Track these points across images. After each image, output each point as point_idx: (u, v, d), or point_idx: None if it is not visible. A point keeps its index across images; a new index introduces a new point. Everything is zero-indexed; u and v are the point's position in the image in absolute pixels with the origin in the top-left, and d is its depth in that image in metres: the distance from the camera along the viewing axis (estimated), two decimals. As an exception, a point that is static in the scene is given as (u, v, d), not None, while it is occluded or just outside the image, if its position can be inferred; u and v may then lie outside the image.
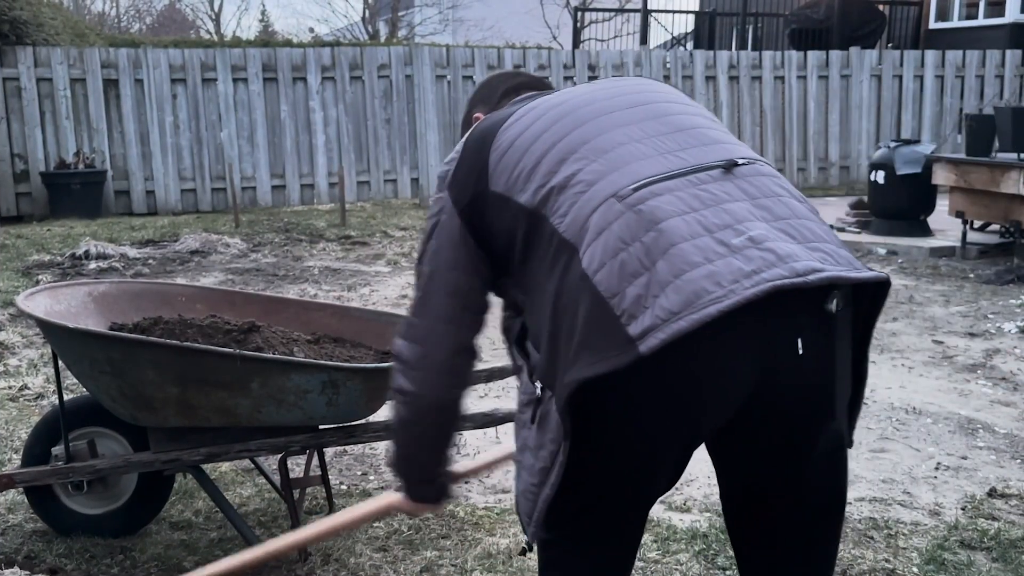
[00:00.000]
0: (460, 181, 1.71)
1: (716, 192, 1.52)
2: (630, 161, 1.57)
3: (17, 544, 2.97)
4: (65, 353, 2.78)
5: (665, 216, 1.47)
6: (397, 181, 11.80)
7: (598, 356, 1.42)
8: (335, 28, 31.89)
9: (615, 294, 1.43)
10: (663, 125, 1.65)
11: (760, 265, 1.42)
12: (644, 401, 1.46)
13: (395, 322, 3.25)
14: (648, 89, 1.78)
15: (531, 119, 1.70)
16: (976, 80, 13.21)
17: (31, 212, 10.43)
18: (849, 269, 1.48)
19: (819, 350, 1.49)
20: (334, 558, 2.88)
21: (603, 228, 1.49)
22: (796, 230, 1.51)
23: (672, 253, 1.43)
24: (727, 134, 1.72)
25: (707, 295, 1.39)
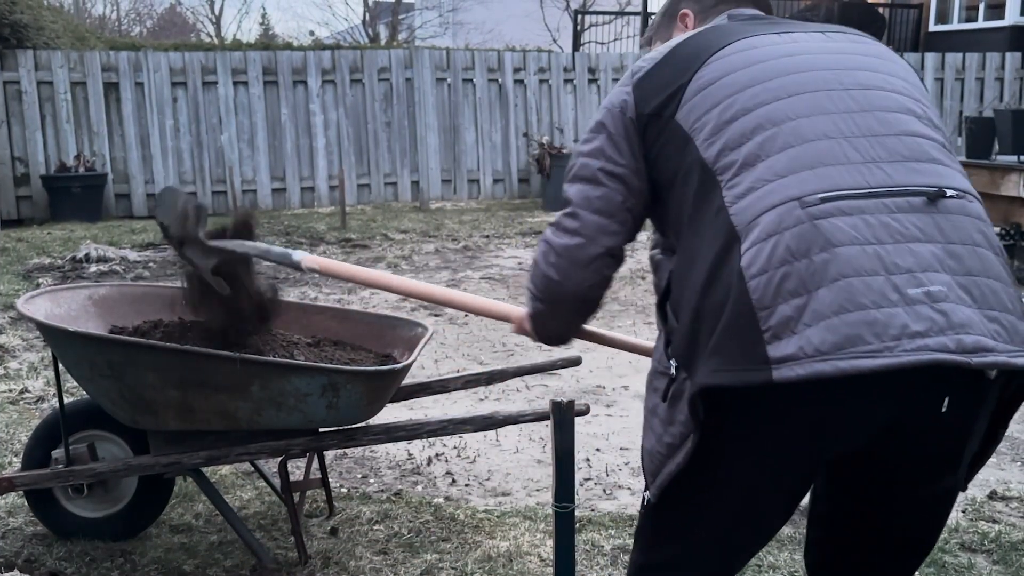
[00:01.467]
0: (652, 87, 1.57)
1: (908, 226, 1.38)
2: (829, 162, 1.43)
3: (17, 547, 2.97)
4: (65, 356, 2.78)
5: (845, 241, 1.36)
6: (397, 184, 11.81)
7: (729, 365, 1.35)
8: (335, 31, 31.92)
9: (766, 307, 1.35)
10: (881, 123, 1.48)
11: (928, 328, 1.32)
12: (765, 423, 1.41)
13: (396, 325, 3.26)
14: (882, 68, 1.59)
15: (747, 60, 1.54)
16: (976, 83, 13.22)
17: (31, 215, 10.43)
18: (1019, 352, 1.36)
19: (964, 411, 1.42)
20: (334, 561, 2.88)
21: (775, 231, 1.38)
22: (980, 291, 1.38)
23: (840, 285, 1.33)
24: (944, 150, 1.52)
25: (862, 344, 1.30)
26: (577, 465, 2.87)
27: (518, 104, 12.16)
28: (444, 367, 5.01)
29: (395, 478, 3.63)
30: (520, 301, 2.43)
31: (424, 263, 8.04)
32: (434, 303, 2.37)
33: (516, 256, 8.40)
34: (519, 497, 3.45)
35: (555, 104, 12.28)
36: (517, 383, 4.63)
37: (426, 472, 3.68)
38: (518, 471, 3.69)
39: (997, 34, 14.50)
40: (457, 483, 3.57)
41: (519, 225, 10.00)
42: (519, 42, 17.03)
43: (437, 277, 7.42)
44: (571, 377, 4.69)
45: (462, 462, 3.78)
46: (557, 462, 2.14)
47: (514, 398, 4.51)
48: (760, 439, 1.44)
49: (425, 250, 8.64)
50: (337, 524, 3.13)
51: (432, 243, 8.96)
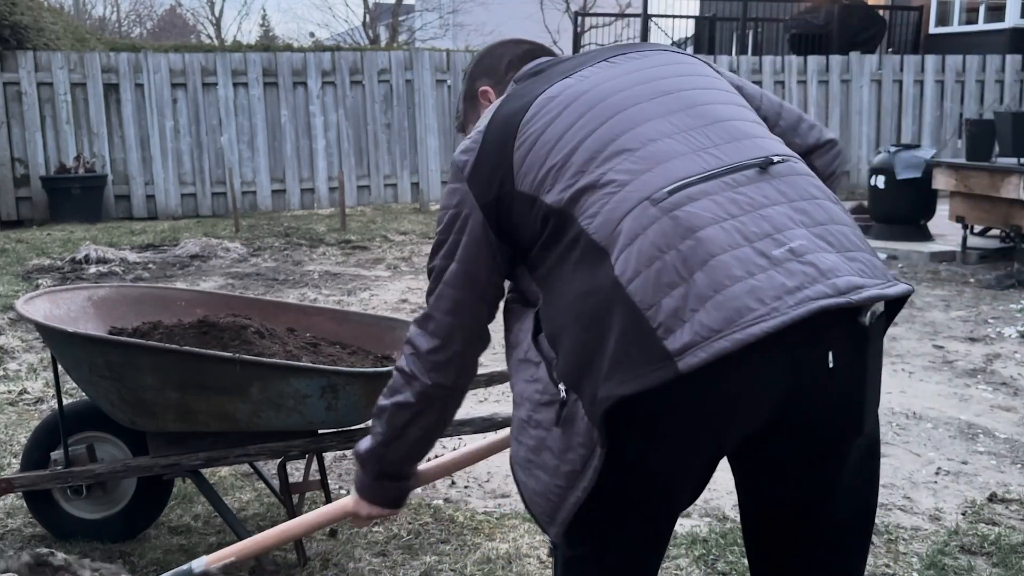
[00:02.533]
0: (483, 178, 1.63)
1: (753, 195, 1.47)
2: (663, 160, 1.50)
3: (16, 549, 2.96)
4: (64, 357, 2.78)
5: (703, 223, 1.42)
6: (397, 185, 11.81)
7: (635, 371, 1.37)
8: (336, 33, 31.94)
9: (651, 305, 1.38)
10: (695, 118, 1.57)
11: (802, 281, 1.38)
12: (676, 416, 1.42)
13: (395, 326, 3.25)
14: (675, 72, 1.68)
15: (556, 110, 1.61)
16: (976, 85, 13.23)
17: (31, 216, 10.44)
18: (885, 284, 1.45)
19: (850, 363, 1.45)
20: (333, 563, 2.88)
21: (637, 234, 1.43)
22: (835, 237, 1.46)
23: (712, 265, 1.38)
24: (758, 124, 1.65)
25: (750, 313, 1.34)
26: (576, 467, 2.87)
27: (518, 106, 12.16)
28: (444, 369, 5.00)
29: (394, 480, 3.62)
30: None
31: (424, 265, 8.04)
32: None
33: (516, 258, 8.39)
34: (518, 499, 3.44)
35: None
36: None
37: (425, 474, 3.68)
38: (517, 473, 3.68)
39: (997, 36, 14.52)
40: (456, 485, 3.57)
41: (519, 227, 10.00)
42: (519, 44, 17.00)
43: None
44: (571, 379, 4.68)
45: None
46: (556, 464, 2.13)
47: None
48: (667, 435, 1.45)
49: (425, 252, 8.63)
50: (336, 526, 3.13)
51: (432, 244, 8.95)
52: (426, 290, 1.77)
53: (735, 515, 3.22)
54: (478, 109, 1.94)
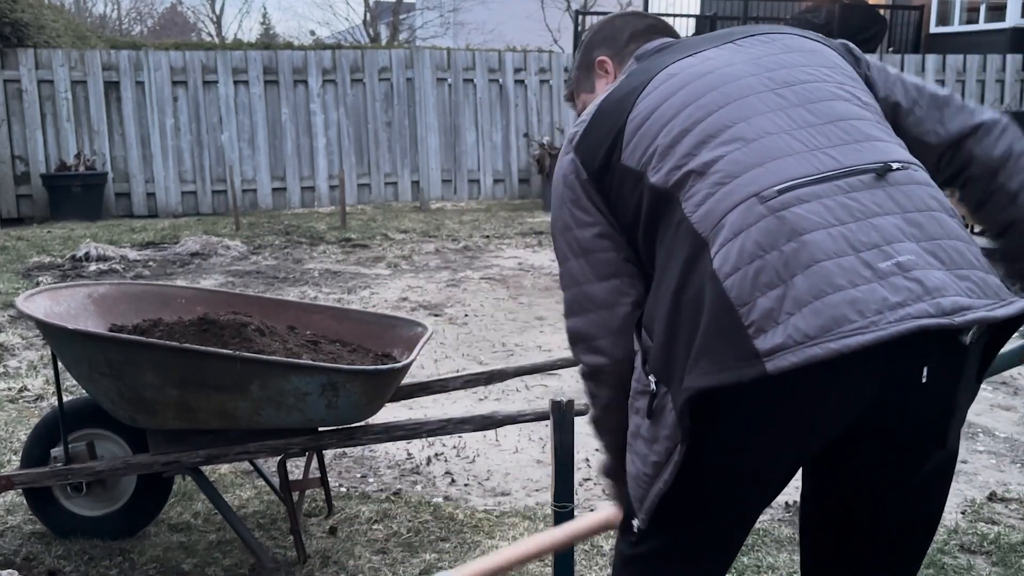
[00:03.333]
0: (592, 146, 1.62)
1: (866, 203, 1.42)
2: (776, 156, 1.47)
3: (16, 546, 2.97)
4: (64, 355, 2.78)
5: (810, 227, 1.38)
6: (398, 184, 11.81)
7: (719, 365, 1.36)
8: (336, 31, 31.93)
9: (746, 303, 1.36)
10: (814, 114, 1.53)
11: (906, 297, 1.34)
12: (761, 418, 1.41)
13: (395, 324, 3.26)
14: (801, 62, 1.62)
15: (672, 88, 1.59)
16: (977, 84, 13.23)
17: (32, 214, 10.44)
18: (996, 304, 1.39)
19: (944, 380, 1.42)
20: (333, 560, 2.88)
21: (741, 229, 1.40)
22: (947, 253, 1.41)
23: (814, 270, 1.35)
24: (880, 125, 1.58)
25: (848, 324, 1.31)
26: (576, 465, 2.87)
27: (519, 104, 12.17)
28: (444, 367, 5.01)
29: (394, 477, 3.62)
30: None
31: (424, 263, 8.04)
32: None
33: (516, 256, 8.40)
34: (518, 497, 3.45)
35: (556, 104, 12.28)
36: (517, 383, 4.63)
37: (425, 472, 3.68)
38: (517, 471, 3.68)
39: (998, 36, 14.51)
40: (456, 483, 3.57)
41: (519, 225, 10.00)
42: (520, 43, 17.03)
43: (437, 277, 7.42)
44: (571, 377, 4.69)
45: (461, 462, 3.78)
46: (556, 462, 2.14)
47: (514, 398, 4.51)
48: (751, 438, 1.44)
49: (425, 250, 8.64)
50: (336, 523, 3.13)
51: (432, 243, 8.96)
52: (564, 273, 1.70)
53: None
54: (592, 79, 1.90)
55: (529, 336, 5.67)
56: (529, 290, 7.00)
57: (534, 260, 8.21)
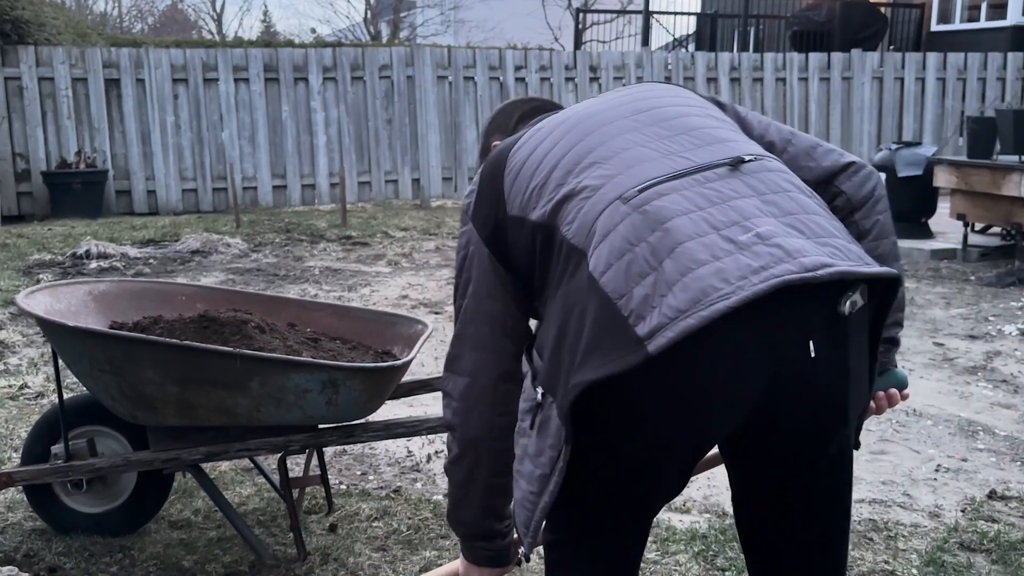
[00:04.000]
0: (481, 211, 1.73)
1: (722, 190, 1.50)
2: (635, 164, 1.55)
3: (16, 543, 2.97)
4: (65, 352, 2.78)
5: (671, 215, 1.45)
6: (398, 182, 11.81)
7: (606, 358, 1.40)
8: (337, 29, 31.91)
9: (622, 295, 1.41)
10: (667, 128, 1.63)
11: (768, 261, 1.39)
12: (650, 404, 1.44)
13: (395, 322, 3.25)
14: (653, 95, 1.76)
15: (539, 138, 1.70)
16: (978, 82, 13.21)
17: (32, 211, 10.43)
18: (860, 264, 1.45)
19: (832, 353, 1.46)
20: (333, 557, 2.88)
21: (609, 230, 1.47)
22: (805, 225, 1.48)
23: (679, 252, 1.41)
24: (735, 132, 1.69)
25: (715, 292, 1.36)
26: (576, 463, 2.87)
27: (519, 102, 12.15)
28: (444, 365, 5.00)
29: (394, 475, 3.63)
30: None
31: (425, 261, 8.04)
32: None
33: (516, 254, 8.39)
34: (518, 495, 3.45)
35: (556, 102, 12.26)
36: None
37: (425, 469, 3.68)
38: (517, 469, 3.68)
39: (999, 34, 14.50)
40: (456, 480, 3.57)
41: (520, 223, 9.99)
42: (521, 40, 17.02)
43: (438, 274, 7.42)
44: (571, 375, 4.68)
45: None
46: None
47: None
48: (643, 424, 1.47)
49: (425, 248, 8.64)
50: (336, 521, 3.14)
51: (433, 241, 8.96)
52: (452, 335, 1.81)
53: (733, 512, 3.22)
54: None
55: (529, 334, 5.66)
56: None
57: (534, 258, 8.20)
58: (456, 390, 1.77)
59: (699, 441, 1.53)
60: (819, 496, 1.60)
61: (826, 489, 1.60)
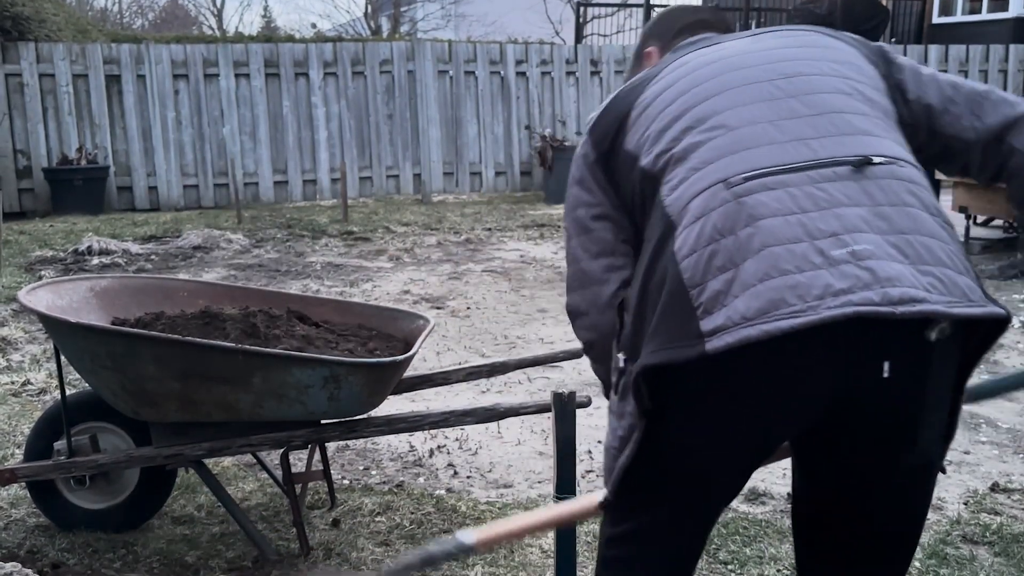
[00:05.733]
0: (602, 128, 1.70)
1: (834, 193, 1.41)
2: (753, 145, 1.48)
3: (19, 539, 2.97)
4: (67, 348, 2.78)
5: (767, 214, 1.40)
6: (399, 177, 11.80)
7: (666, 344, 1.39)
8: (337, 24, 31.88)
9: (697, 284, 1.39)
10: (806, 105, 1.53)
11: (852, 284, 1.33)
12: (712, 400, 1.43)
13: (397, 317, 3.25)
14: (810, 56, 1.63)
15: (677, 76, 1.63)
16: (979, 75, 13.18)
17: (34, 208, 10.43)
18: (957, 303, 1.36)
19: (909, 377, 1.40)
20: (336, 552, 2.88)
21: (703, 214, 1.44)
22: (913, 248, 1.38)
23: (764, 255, 1.37)
24: (879, 122, 1.56)
25: (786, 307, 1.32)
26: (578, 457, 2.87)
27: (520, 97, 12.15)
28: (446, 359, 5.01)
29: (397, 470, 3.63)
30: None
31: (426, 256, 8.04)
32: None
33: (518, 249, 8.40)
34: (521, 489, 3.46)
35: (557, 96, 12.26)
36: (519, 375, 4.63)
37: (428, 464, 3.68)
38: (520, 463, 3.69)
39: (1001, 26, 14.46)
40: (459, 475, 3.58)
41: (521, 218, 9.99)
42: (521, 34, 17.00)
43: (439, 270, 7.41)
44: (573, 369, 4.69)
45: (464, 454, 3.78)
46: (558, 454, 2.14)
47: (516, 390, 4.51)
48: (704, 418, 1.46)
49: (427, 243, 8.63)
50: (339, 516, 3.14)
51: (434, 236, 8.95)
52: (568, 250, 1.77)
53: (736, 505, 3.22)
54: (641, 68, 1.95)
55: (531, 328, 5.67)
56: (531, 283, 7.00)
57: (536, 252, 8.20)
58: (588, 301, 1.72)
59: (758, 445, 1.51)
60: (881, 513, 1.56)
61: (886, 510, 1.56)
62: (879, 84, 1.63)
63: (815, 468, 1.59)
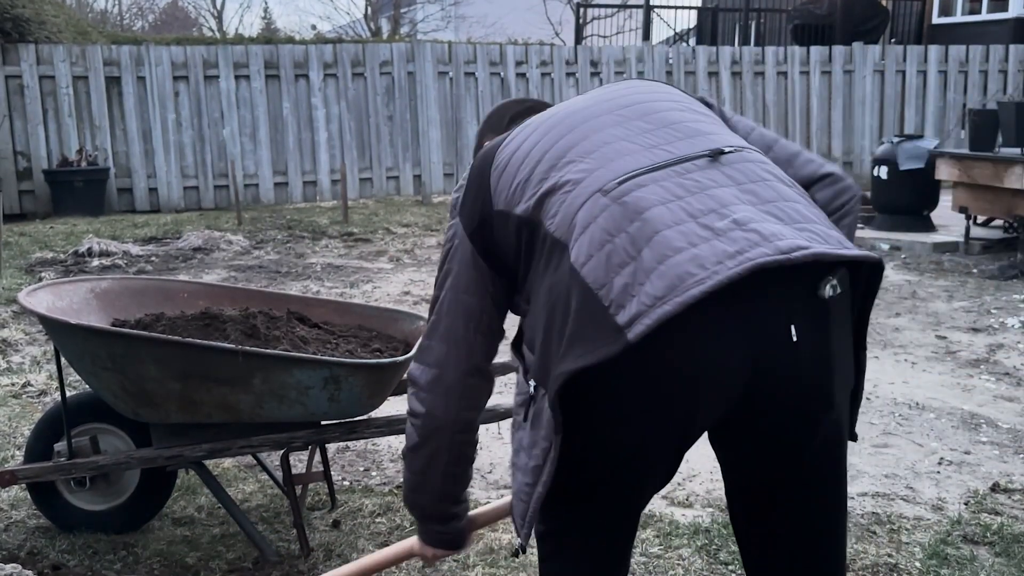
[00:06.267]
0: (468, 207, 1.74)
1: (701, 179, 1.52)
2: (615, 158, 1.58)
3: (20, 540, 2.97)
4: (67, 349, 2.78)
5: (649, 205, 1.48)
6: (399, 178, 11.80)
7: (588, 347, 1.42)
8: (337, 25, 31.89)
9: (603, 285, 1.43)
10: (650, 122, 1.65)
11: (744, 246, 1.41)
12: (636, 392, 1.46)
13: (397, 318, 3.26)
14: (637, 91, 1.78)
15: (525, 134, 1.73)
16: (979, 75, 13.19)
17: (34, 210, 10.44)
18: (837, 247, 1.46)
19: (814, 337, 1.47)
20: (336, 553, 2.88)
21: (589, 222, 1.50)
22: (784, 212, 1.49)
23: (656, 240, 1.43)
24: (718, 125, 1.71)
25: (691, 278, 1.38)
26: (579, 458, 2.87)
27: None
28: (446, 360, 5.00)
29: (397, 471, 3.63)
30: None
31: (426, 257, 8.04)
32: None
33: (518, 250, 8.39)
34: (521, 490, 3.45)
35: (557, 97, 12.26)
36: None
37: (428, 465, 3.68)
38: (520, 464, 3.68)
39: (1001, 26, 14.47)
40: (459, 476, 3.57)
41: (521, 219, 9.99)
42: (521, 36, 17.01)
43: (439, 271, 7.41)
44: (573, 370, 4.68)
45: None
46: (558, 454, 2.13)
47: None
48: (630, 412, 1.47)
49: (427, 244, 8.63)
50: (339, 517, 3.14)
51: (434, 237, 8.96)
52: (426, 325, 1.83)
53: (737, 505, 3.22)
54: None
55: (531, 329, 5.66)
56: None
57: (536, 253, 8.20)
58: (423, 380, 1.79)
59: (686, 429, 1.53)
60: (808, 486, 1.59)
61: (815, 479, 1.59)
62: (704, 109, 1.78)
63: (738, 458, 1.63)
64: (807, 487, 1.59)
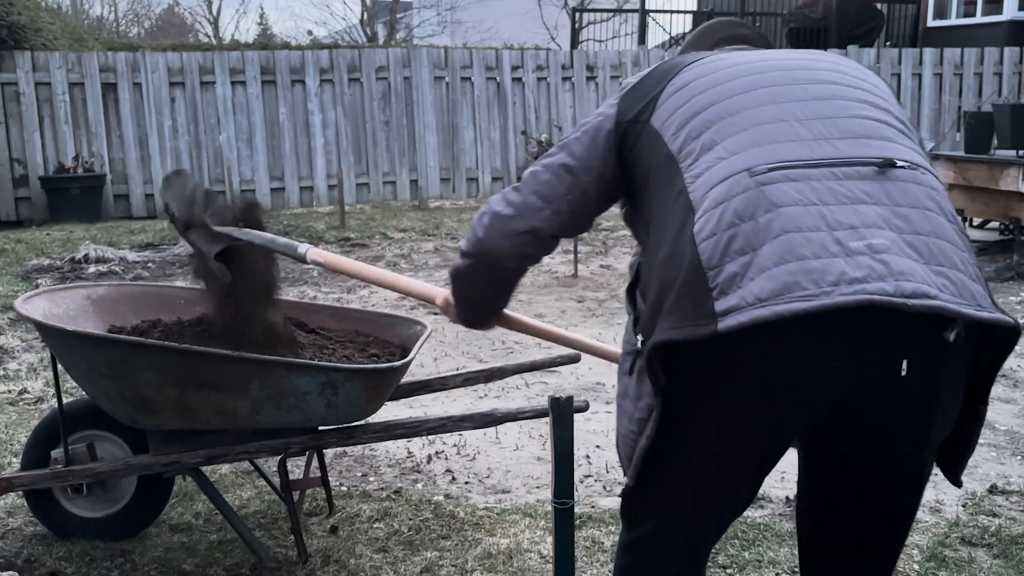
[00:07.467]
0: (634, 97, 1.72)
1: (855, 190, 1.44)
2: (779, 140, 1.52)
3: (17, 547, 2.97)
4: (64, 356, 2.77)
5: (789, 202, 1.42)
6: (396, 183, 11.80)
7: (680, 322, 1.41)
8: (333, 31, 31.89)
9: (714, 267, 1.41)
10: (832, 108, 1.57)
11: (867, 274, 1.34)
12: (725, 381, 1.45)
13: (395, 323, 3.25)
14: (838, 69, 1.70)
15: (713, 68, 1.68)
16: (974, 78, 13.21)
17: (30, 216, 10.43)
18: (967, 305, 1.38)
19: (925, 375, 1.42)
20: (334, 559, 2.88)
21: (724, 200, 1.46)
22: (928, 248, 1.41)
23: (781, 240, 1.39)
24: (902, 133, 1.60)
25: (799, 290, 1.34)
26: (577, 462, 2.88)
27: (516, 102, 12.16)
28: (443, 365, 5.01)
29: (395, 476, 3.62)
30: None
31: (423, 261, 8.04)
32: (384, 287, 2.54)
33: (515, 254, 8.39)
34: (519, 494, 3.45)
35: (553, 102, 12.27)
36: (516, 380, 4.62)
37: (426, 470, 3.68)
38: (518, 468, 3.68)
39: (995, 29, 14.50)
40: (457, 481, 3.57)
41: (518, 223, 9.99)
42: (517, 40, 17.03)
43: (436, 275, 7.41)
44: (571, 374, 4.69)
45: (462, 460, 3.78)
46: (556, 459, 2.13)
47: (514, 395, 4.51)
48: (718, 399, 1.47)
49: (424, 249, 8.64)
50: (337, 522, 3.13)
51: (431, 242, 8.96)
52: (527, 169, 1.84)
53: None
54: None
55: (529, 333, 5.66)
56: (528, 287, 7.00)
57: (533, 258, 8.20)
58: (498, 209, 1.80)
59: (770, 433, 1.50)
60: (881, 508, 1.58)
61: (886, 504, 1.58)
62: (902, 115, 1.70)
63: (822, 467, 1.61)
64: (878, 508, 1.59)
